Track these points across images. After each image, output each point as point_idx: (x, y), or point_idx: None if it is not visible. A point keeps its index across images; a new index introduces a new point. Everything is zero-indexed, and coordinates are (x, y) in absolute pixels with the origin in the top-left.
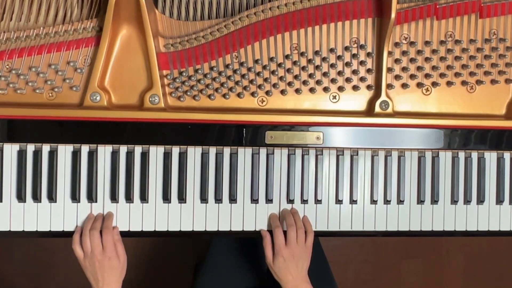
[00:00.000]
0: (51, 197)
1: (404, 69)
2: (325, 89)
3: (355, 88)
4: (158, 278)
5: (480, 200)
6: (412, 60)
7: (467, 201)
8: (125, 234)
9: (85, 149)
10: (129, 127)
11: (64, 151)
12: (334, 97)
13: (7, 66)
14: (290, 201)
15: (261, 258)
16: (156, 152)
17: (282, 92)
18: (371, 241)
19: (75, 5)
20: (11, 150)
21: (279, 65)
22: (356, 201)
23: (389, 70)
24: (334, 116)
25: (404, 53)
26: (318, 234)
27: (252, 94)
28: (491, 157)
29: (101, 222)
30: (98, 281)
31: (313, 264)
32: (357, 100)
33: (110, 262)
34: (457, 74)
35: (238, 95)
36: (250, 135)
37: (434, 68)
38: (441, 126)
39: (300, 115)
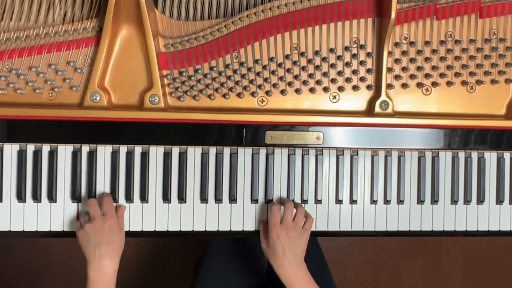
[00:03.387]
0: (51, 197)
1: (404, 69)
2: (325, 89)
3: (355, 88)
4: (158, 278)
5: (480, 200)
6: (412, 60)
7: (467, 201)
8: (125, 234)
9: (85, 149)
10: (129, 127)
11: (64, 151)
12: (334, 97)
13: (7, 66)
14: None
15: (261, 258)
16: (156, 152)
17: (282, 92)
18: (371, 241)
19: (75, 5)
20: (11, 150)
21: (279, 65)
22: (356, 201)
23: (389, 70)
24: (334, 116)
25: (404, 53)
26: (318, 234)
27: (252, 94)
28: (491, 157)
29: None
30: (94, 252)
31: (313, 265)
32: (357, 100)
33: (111, 226)
34: (457, 74)
35: (238, 95)
36: (250, 135)
37: (434, 68)
38: (441, 126)
39: (300, 115)
